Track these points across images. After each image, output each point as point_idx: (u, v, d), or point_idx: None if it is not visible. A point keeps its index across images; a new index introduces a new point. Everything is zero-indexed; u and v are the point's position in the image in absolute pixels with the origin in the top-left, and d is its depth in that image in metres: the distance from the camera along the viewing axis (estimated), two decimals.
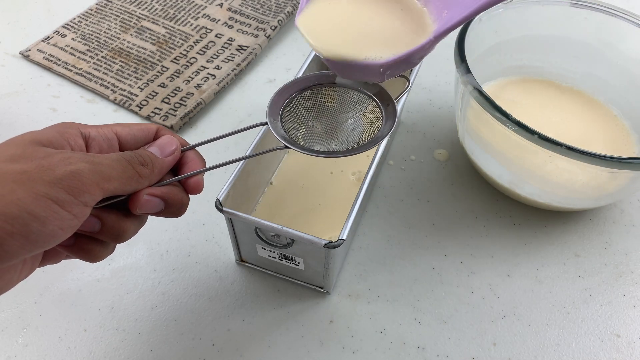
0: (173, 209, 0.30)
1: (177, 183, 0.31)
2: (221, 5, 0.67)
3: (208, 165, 0.32)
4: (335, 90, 0.36)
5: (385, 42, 0.33)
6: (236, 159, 0.33)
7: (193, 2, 0.67)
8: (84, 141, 0.29)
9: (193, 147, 0.32)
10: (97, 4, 0.67)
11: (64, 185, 0.24)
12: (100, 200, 0.27)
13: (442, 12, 0.35)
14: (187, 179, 0.31)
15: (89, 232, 0.28)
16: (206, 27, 0.64)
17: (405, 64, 0.33)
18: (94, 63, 0.59)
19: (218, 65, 0.59)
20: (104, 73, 0.58)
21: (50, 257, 0.29)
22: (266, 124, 0.33)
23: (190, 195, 0.32)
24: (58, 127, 0.28)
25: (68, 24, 0.64)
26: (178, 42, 0.62)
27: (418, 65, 0.48)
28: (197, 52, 0.61)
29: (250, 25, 0.64)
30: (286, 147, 0.32)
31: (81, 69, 0.59)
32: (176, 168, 0.32)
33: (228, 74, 0.58)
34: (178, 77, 0.58)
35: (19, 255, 0.24)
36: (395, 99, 0.35)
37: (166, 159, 0.30)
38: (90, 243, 0.28)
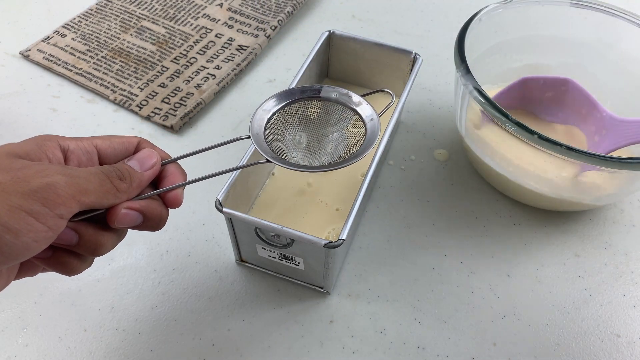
0: (152, 222, 0.29)
1: (156, 197, 0.30)
2: (221, 5, 0.67)
3: (189, 178, 0.32)
4: (319, 103, 0.36)
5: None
6: (218, 173, 0.32)
7: (193, 2, 0.67)
8: (62, 154, 0.28)
9: (174, 161, 0.32)
10: (97, 4, 0.67)
11: (38, 197, 0.24)
12: (78, 214, 0.27)
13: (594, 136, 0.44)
14: (166, 192, 0.30)
15: (67, 245, 0.27)
16: (206, 27, 0.64)
17: None
18: (94, 63, 0.59)
19: (218, 65, 0.59)
20: (104, 73, 0.58)
21: (26, 269, 0.29)
22: (249, 137, 0.33)
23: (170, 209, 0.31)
24: (36, 139, 0.28)
25: (68, 24, 0.64)
26: (178, 42, 0.62)
27: (417, 66, 0.48)
28: (197, 52, 0.61)
29: (250, 25, 0.64)
30: (268, 161, 0.32)
31: (81, 69, 0.59)
32: (156, 181, 0.31)
33: (228, 74, 0.58)
34: (178, 77, 0.58)
35: None
36: (379, 114, 0.35)
37: (145, 172, 0.30)
38: (67, 256, 0.28)
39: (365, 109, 0.35)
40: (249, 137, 0.33)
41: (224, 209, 0.37)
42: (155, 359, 0.39)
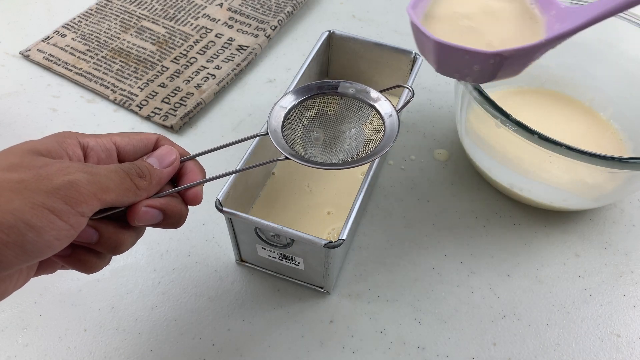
0: (172, 220, 0.30)
1: (176, 194, 0.30)
2: (221, 5, 0.67)
3: (208, 176, 0.32)
4: (337, 99, 0.36)
5: (501, 40, 0.36)
6: (235, 171, 0.33)
7: (193, 2, 0.67)
8: (82, 151, 0.28)
9: (193, 157, 0.32)
10: (97, 4, 0.67)
11: (61, 195, 0.24)
12: (98, 212, 0.27)
13: (554, 25, 0.39)
14: (186, 190, 0.31)
15: (86, 243, 0.27)
16: (206, 27, 0.64)
17: (510, 64, 0.34)
18: (94, 63, 0.59)
19: (218, 65, 0.59)
20: (104, 73, 0.58)
21: (45, 267, 0.29)
22: (267, 134, 0.33)
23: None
24: (57, 136, 0.28)
25: (68, 24, 0.64)
26: (178, 42, 0.62)
27: (417, 66, 0.48)
28: (197, 52, 0.61)
29: (250, 25, 0.64)
30: (287, 158, 0.32)
31: (81, 68, 0.59)
32: (175, 178, 0.32)
33: (228, 74, 0.58)
34: (178, 77, 0.58)
35: (14, 265, 0.23)
36: (398, 110, 0.35)
37: (165, 170, 0.30)
38: (86, 254, 0.28)
39: (384, 105, 0.35)
40: (267, 133, 0.33)
41: (224, 209, 0.37)
42: (155, 359, 0.39)
